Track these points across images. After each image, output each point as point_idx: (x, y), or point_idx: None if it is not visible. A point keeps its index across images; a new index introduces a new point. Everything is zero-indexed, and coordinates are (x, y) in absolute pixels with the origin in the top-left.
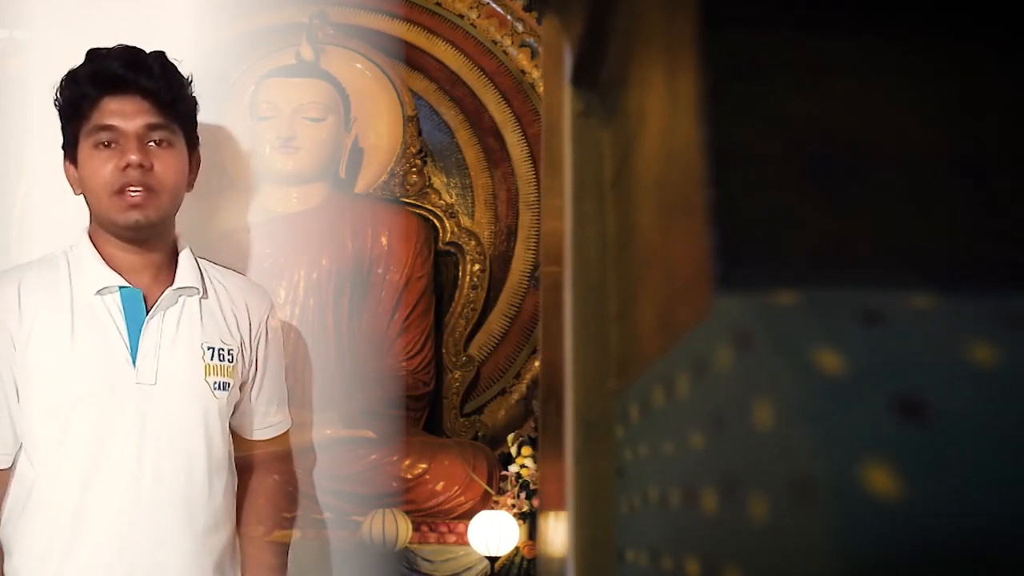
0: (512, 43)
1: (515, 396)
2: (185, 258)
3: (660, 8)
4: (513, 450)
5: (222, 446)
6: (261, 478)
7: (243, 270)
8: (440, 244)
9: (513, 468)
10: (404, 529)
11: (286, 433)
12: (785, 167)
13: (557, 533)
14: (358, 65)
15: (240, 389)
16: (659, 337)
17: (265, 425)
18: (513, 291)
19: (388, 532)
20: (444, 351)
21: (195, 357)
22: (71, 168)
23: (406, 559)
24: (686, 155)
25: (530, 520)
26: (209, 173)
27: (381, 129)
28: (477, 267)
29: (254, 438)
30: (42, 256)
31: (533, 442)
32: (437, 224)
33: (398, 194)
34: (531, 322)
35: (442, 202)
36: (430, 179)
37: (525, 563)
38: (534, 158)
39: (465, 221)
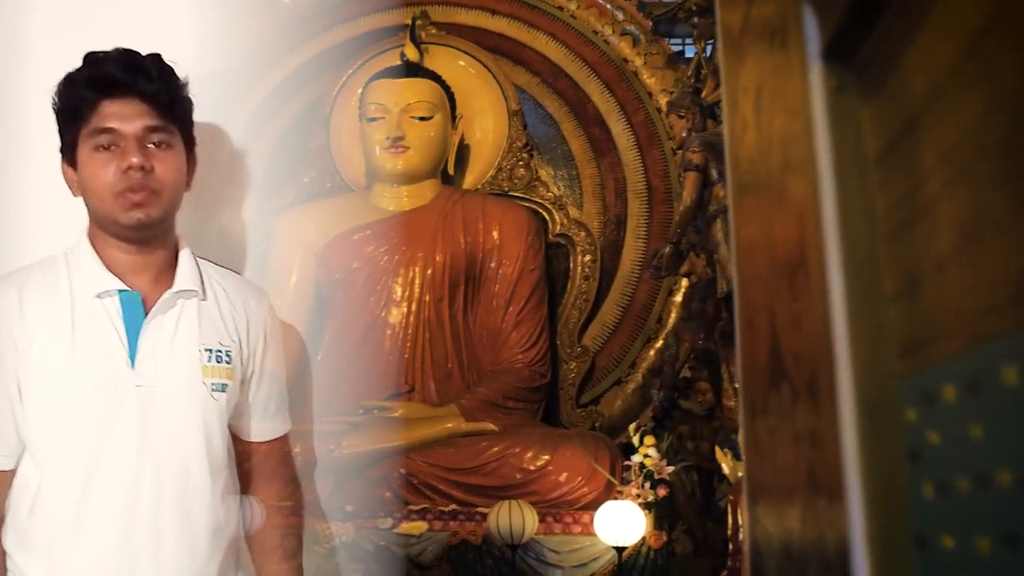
0: (613, 32)
1: (631, 386)
2: (185, 260)
3: None
4: (635, 440)
5: (222, 447)
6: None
7: (353, 269)
8: (550, 236)
9: (636, 458)
10: (531, 520)
11: (285, 436)
12: None
13: (787, 521)
14: (461, 63)
15: (239, 390)
16: (998, 316)
17: (264, 427)
18: (625, 280)
19: (515, 523)
20: (559, 342)
21: (193, 359)
22: (69, 170)
23: (532, 550)
24: None
25: (655, 510)
26: (323, 176)
27: (487, 124)
28: (588, 257)
29: (252, 439)
30: (42, 259)
31: (655, 431)
32: (546, 216)
33: (506, 188)
34: (644, 311)
35: (550, 194)
36: (537, 172)
37: (652, 553)
38: (640, 146)
39: (574, 212)
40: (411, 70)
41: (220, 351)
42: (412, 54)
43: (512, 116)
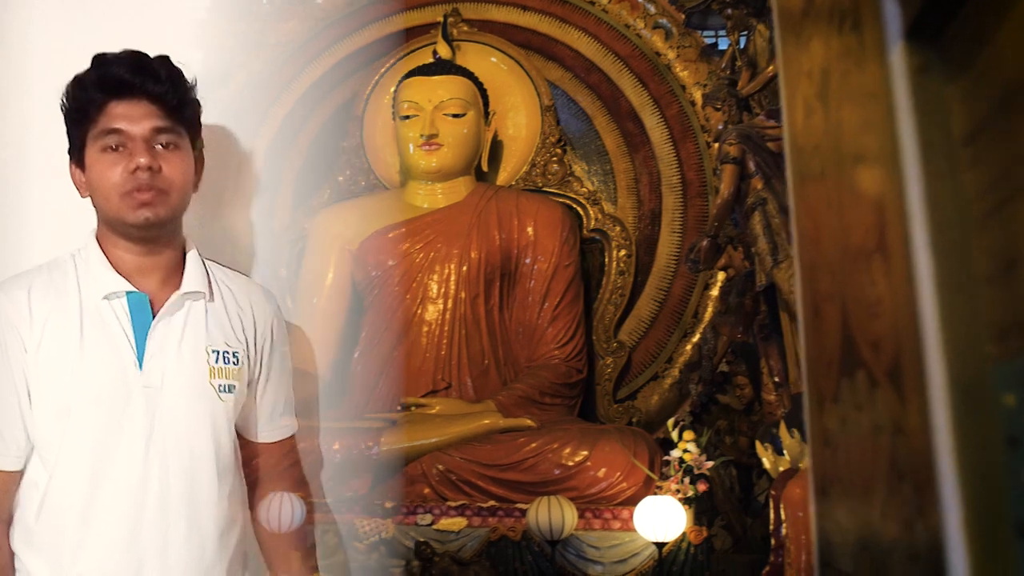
0: (645, 25)
1: (668, 381)
2: (192, 261)
3: None
4: (674, 435)
5: (229, 448)
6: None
7: (388, 267)
8: (585, 231)
9: (675, 453)
10: (570, 516)
11: (292, 437)
12: None
13: (865, 512)
14: (493, 59)
15: (247, 391)
16: None
17: (271, 428)
18: (660, 275)
19: (554, 519)
20: (594, 338)
21: (200, 360)
22: (77, 171)
23: (572, 546)
24: None
25: (695, 505)
26: (357, 175)
27: (520, 120)
28: (623, 252)
29: (259, 440)
30: (50, 260)
31: (693, 426)
32: (581, 212)
33: (540, 184)
34: (680, 305)
35: (584, 189)
36: (571, 167)
37: (692, 548)
38: (674, 139)
39: (608, 207)
40: (443, 67)
41: (227, 352)
42: (444, 51)
43: (545, 112)
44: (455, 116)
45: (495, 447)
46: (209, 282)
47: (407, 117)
